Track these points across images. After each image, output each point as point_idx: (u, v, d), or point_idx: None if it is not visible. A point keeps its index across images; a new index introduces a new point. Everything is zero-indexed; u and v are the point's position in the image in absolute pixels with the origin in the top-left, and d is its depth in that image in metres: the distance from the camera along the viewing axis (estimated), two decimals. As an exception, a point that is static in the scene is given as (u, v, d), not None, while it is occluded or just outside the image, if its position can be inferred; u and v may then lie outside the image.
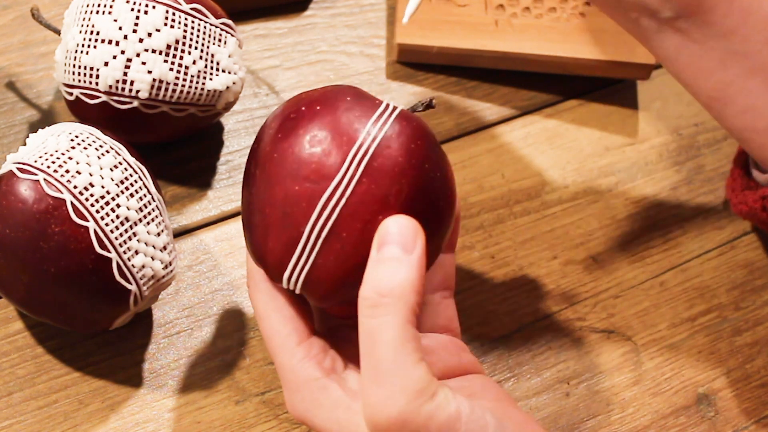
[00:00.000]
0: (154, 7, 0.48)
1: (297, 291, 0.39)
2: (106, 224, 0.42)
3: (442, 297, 0.45)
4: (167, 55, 0.48)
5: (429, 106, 0.41)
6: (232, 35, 0.51)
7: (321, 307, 0.41)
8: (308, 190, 0.38)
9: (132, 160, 0.45)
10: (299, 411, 0.40)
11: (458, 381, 0.43)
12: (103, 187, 0.43)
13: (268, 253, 0.39)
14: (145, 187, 0.45)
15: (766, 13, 0.41)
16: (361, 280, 0.38)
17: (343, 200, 0.37)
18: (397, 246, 0.37)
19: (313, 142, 0.38)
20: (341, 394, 0.40)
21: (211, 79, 0.49)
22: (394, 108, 0.39)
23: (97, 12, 0.48)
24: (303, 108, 0.39)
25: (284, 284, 0.40)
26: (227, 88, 0.50)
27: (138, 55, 0.47)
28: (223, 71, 0.50)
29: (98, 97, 0.48)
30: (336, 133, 0.38)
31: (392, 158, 0.38)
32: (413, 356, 0.36)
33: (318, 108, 0.39)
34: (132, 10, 0.47)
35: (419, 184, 0.38)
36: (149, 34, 0.47)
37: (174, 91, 0.48)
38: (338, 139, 0.38)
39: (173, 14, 0.48)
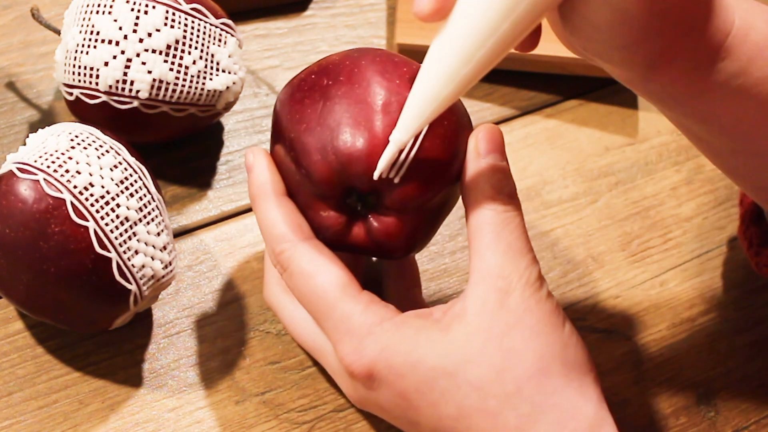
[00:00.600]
0: (154, 7, 0.48)
1: (398, 178, 0.40)
2: (106, 224, 0.42)
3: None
4: (167, 55, 0.48)
5: None
6: (232, 35, 0.51)
7: (413, 194, 0.42)
8: (397, 87, 0.42)
9: (132, 160, 0.45)
10: (372, 356, 0.40)
11: None
12: (103, 187, 0.43)
13: (376, 139, 0.40)
14: (145, 187, 0.45)
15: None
16: (453, 180, 0.42)
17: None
18: (502, 155, 0.42)
19: (387, 59, 0.43)
20: (423, 321, 0.40)
21: (211, 79, 0.49)
22: None
23: (97, 12, 0.48)
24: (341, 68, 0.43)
25: (385, 174, 0.40)
26: (227, 88, 0.50)
27: (138, 55, 0.47)
28: (223, 71, 0.50)
29: (98, 97, 0.48)
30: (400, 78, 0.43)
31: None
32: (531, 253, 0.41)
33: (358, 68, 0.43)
34: (132, 10, 0.47)
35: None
36: (149, 34, 0.47)
37: (174, 91, 0.48)
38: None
39: (173, 14, 0.48)
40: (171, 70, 0.48)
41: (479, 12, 0.36)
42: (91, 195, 0.42)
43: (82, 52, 0.48)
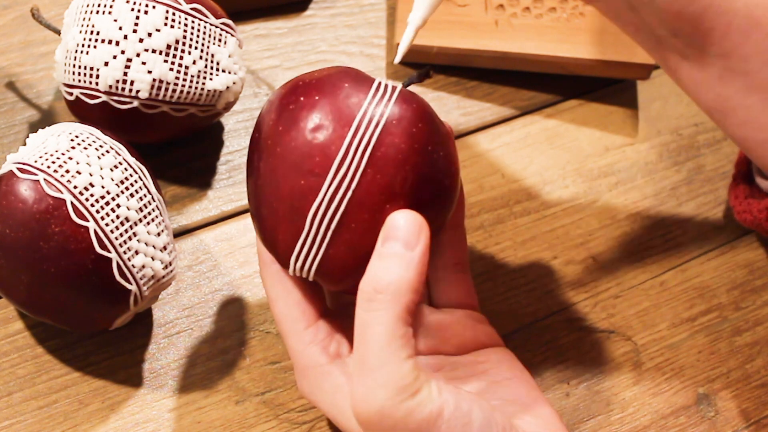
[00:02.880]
0: (154, 7, 0.48)
1: (310, 279, 0.40)
2: (106, 224, 0.42)
3: (455, 271, 0.46)
4: (167, 55, 0.48)
5: (425, 75, 0.41)
6: (232, 35, 0.51)
7: (335, 290, 0.42)
8: (314, 183, 0.38)
9: (132, 160, 0.45)
10: (306, 393, 0.42)
11: (472, 356, 0.45)
12: (103, 187, 0.43)
13: (279, 243, 0.40)
14: (145, 187, 0.45)
15: (765, 34, 0.41)
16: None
17: (350, 192, 0.38)
18: (399, 242, 0.37)
19: (315, 134, 0.38)
20: (342, 380, 0.41)
21: (211, 79, 0.49)
22: (394, 88, 0.39)
23: (97, 12, 0.48)
24: (301, 98, 0.39)
25: (296, 273, 0.40)
26: (227, 88, 0.50)
27: (138, 55, 0.47)
28: (223, 71, 0.50)
29: (98, 97, 0.48)
30: (337, 124, 0.38)
31: (395, 145, 0.38)
32: (400, 353, 0.37)
33: (317, 97, 0.39)
34: (132, 10, 0.47)
35: (424, 168, 0.38)
36: (149, 34, 0.47)
37: (174, 91, 0.48)
38: (339, 130, 0.38)
39: (173, 14, 0.48)
40: (171, 70, 0.48)
41: None
42: (92, 195, 0.42)
43: (82, 52, 0.48)
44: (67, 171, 0.42)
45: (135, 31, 0.47)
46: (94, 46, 0.47)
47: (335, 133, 0.38)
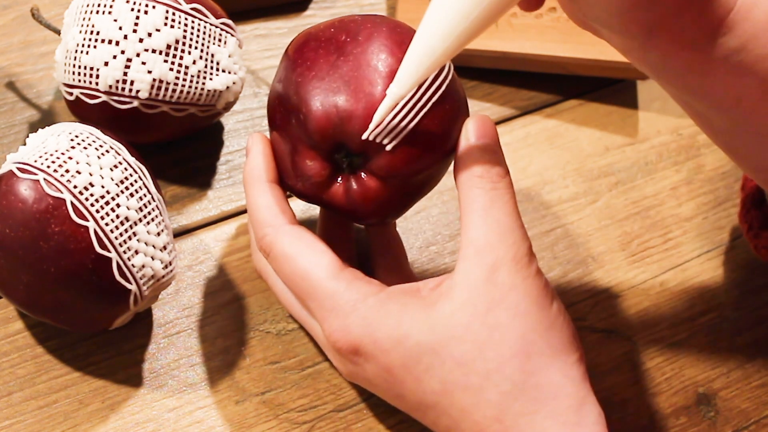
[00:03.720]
0: (154, 7, 0.48)
1: (390, 146, 0.41)
2: (106, 224, 0.42)
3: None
4: (167, 55, 0.48)
5: None
6: (232, 35, 0.51)
7: (397, 165, 0.43)
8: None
9: (132, 159, 0.45)
10: (357, 332, 0.41)
11: None
12: (103, 186, 0.43)
13: (377, 102, 0.41)
14: (145, 186, 0.45)
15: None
16: (441, 161, 0.43)
17: (449, 77, 0.43)
18: (494, 141, 0.43)
19: (395, 30, 0.44)
20: (408, 298, 0.41)
21: (211, 79, 0.49)
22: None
23: (97, 12, 0.48)
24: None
25: (380, 137, 0.41)
26: (227, 88, 0.50)
27: (138, 55, 0.47)
28: (223, 71, 0.50)
29: (98, 97, 0.48)
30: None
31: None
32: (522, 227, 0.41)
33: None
34: (132, 10, 0.47)
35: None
36: (149, 34, 0.47)
37: (174, 91, 0.48)
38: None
39: (173, 14, 0.48)
40: (171, 70, 0.48)
41: None
42: (91, 195, 0.42)
43: (82, 52, 0.48)
44: (67, 171, 0.42)
45: (135, 31, 0.47)
46: (94, 46, 0.47)
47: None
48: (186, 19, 0.48)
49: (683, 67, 0.39)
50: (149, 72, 0.47)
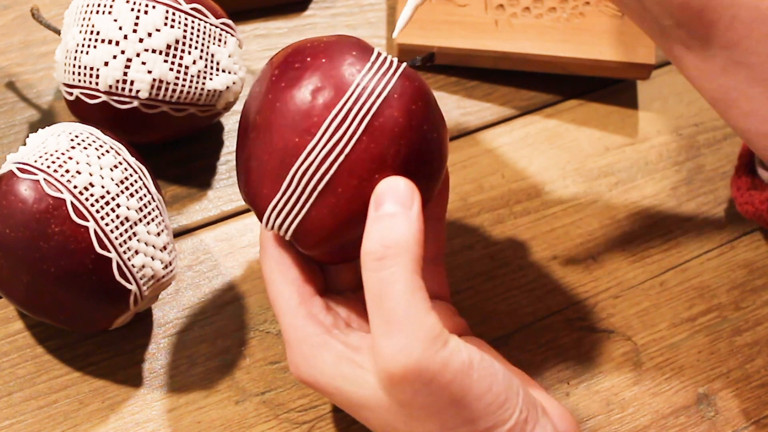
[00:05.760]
0: (154, 7, 0.48)
1: (287, 237, 0.41)
2: (106, 224, 0.42)
3: (432, 264, 0.46)
4: (167, 55, 0.48)
5: (429, 60, 0.41)
6: (232, 35, 0.51)
7: (308, 254, 0.42)
8: (308, 142, 0.39)
9: (132, 160, 0.45)
10: (302, 369, 0.41)
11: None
12: (103, 186, 0.43)
13: (263, 198, 0.40)
14: (145, 187, 0.45)
15: None
16: (352, 235, 0.39)
17: (342, 156, 0.38)
18: (397, 203, 0.38)
19: (316, 96, 0.39)
20: (344, 348, 0.41)
21: (211, 79, 0.49)
22: (399, 63, 0.40)
23: (97, 12, 0.48)
24: (308, 59, 0.40)
25: (274, 229, 0.41)
26: (227, 88, 0.50)
27: (138, 55, 0.47)
28: (223, 71, 0.50)
29: (98, 97, 0.48)
30: (339, 89, 0.39)
31: (393, 119, 0.39)
32: (424, 305, 0.37)
33: (323, 60, 0.39)
34: (132, 10, 0.47)
35: (416, 145, 0.39)
36: (149, 34, 0.47)
37: (174, 91, 0.48)
38: (341, 95, 0.39)
39: (173, 14, 0.48)
40: (171, 70, 0.48)
41: None
42: (91, 195, 0.42)
43: (82, 52, 0.48)
44: (67, 171, 0.42)
45: (135, 31, 0.47)
46: (94, 46, 0.47)
47: (336, 97, 0.39)
48: (186, 19, 0.48)
49: None
50: (149, 72, 0.47)
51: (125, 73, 0.47)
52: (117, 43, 0.47)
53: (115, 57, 0.47)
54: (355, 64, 0.39)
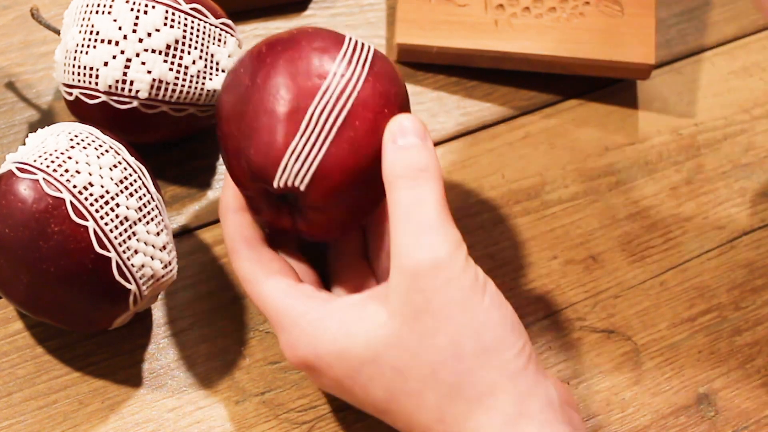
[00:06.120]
0: (153, 7, 0.48)
1: (303, 186, 0.41)
2: (106, 224, 0.42)
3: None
4: (167, 55, 0.48)
5: None
6: (232, 35, 0.51)
7: (314, 215, 0.43)
8: (321, 84, 0.42)
9: (132, 159, 0.45)
10: (301, 347, 0.42)
11: None
12: (102, 186, 0.43)
13: (277, 150, 0.41)
14: (145, 186, 0.45)
15: None
16: (367, 177, 0.42)
17: (355, 92, 0.42)
18: (416, 136, 0.42)
19: (320, 49, 0.43)
20: (347, 307, 0.42)
21: (211, 79, 0.49)
22: (370, 48, 0.44)
23: (97, 12, 0.48)
24: (296, 32, 0.44)
25: (288, 181, 0.41)
26: (227, 88, 0.50)
27: (138, 55, 0.47)
28: (223, 71, 0.50)
29: (98, 97, 0.48)
30: (337, 45, 0.43)
31: (387, 66, 0.44)
32: (451, 221, 0.41)
33: (309, 31, 0.44)
34: (132, 10, 0.47)
35: (403, 89, 0.45)
36: (149, 34, 0.47)
37: (174, 91, 0.48)
38: (339, 49, 0.43)
39: (173, 14, 0.48)
40: (171, 70, 0.48)
41: None
42: (91, 195, 0.42)
43: (81, 52, 0.48)
44: (67, 170, 0.42)
45: (135, 31, 0.47)
46: (94, 46, 0.47)
47: (336, 50, 0.43)
48: (186, 19, 0.48)
49: None
50: (149, 72, 0.47)
51: (125, 73, 0.47)
52: (117, 43, 0.47)
53: (114, 57, 0.47)
54: (340, 39, 0.44)
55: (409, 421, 0.41)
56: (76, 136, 0.44)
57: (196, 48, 0.48)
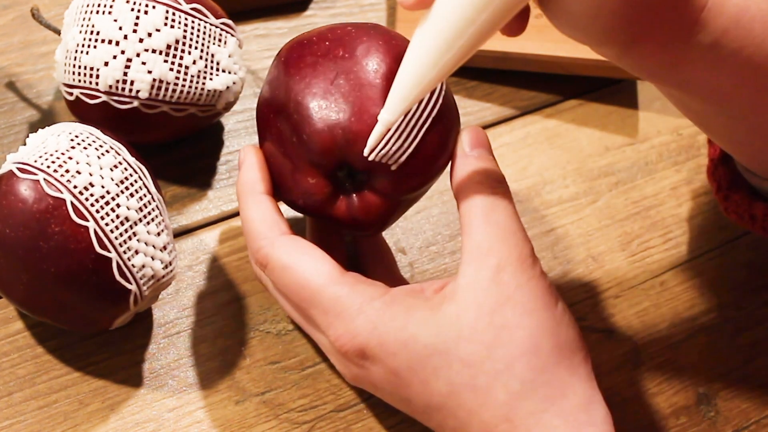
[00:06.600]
0: (154, 7, 0.48)
1: (395, 165, 0.42)
2: (106, 224, 0.42)
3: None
4: (167, 55, 0.48)
5: None
6: (232, 35, 0.51)
7: (394, 189, 0.44)
8: None
9: (132, 160, 0.45)
10: (363, 335, 0.40)
11: None
12: (103, 186, 0.43)
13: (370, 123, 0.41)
14: (145, 186, 0.45)
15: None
16: (434, 176, 0.44)
17: (444, 88, 0.44)
18: (487, 149, 0.44)
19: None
20: (412, 295, 0.42)
21: (211, 79, 0.49)
22: None
23: (97, 12, 0.48)
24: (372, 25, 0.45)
25: (386, 157, 0.41)
26: (227, 88, 0.50)
27: (138, 55, 0.47)
28: (223, 71, 0.50)
29: (98, 97, 0.48)
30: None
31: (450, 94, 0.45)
32: (522, 226, 0.42)
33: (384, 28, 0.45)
34: (132, 10, 0.47)
35: None
36: (149, 34, 0.47)
37: (174, 91, 0.48)
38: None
39: (173, 14, 0.48)
40: (171, 70, 0.48)
41: (458, 4, 0.37)
42: (91, 195, 0.42)
43: (82, 52, 0.48)
44: (67, 171, 0.42)
45: (135, 31, 0.47)
46: (94, 46, 0.47)
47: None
48: (186, 19, 0.48)
49: (661, 65, 0.40)
50: (149, 72, 0.47)
51: (125, 73, 0.47)
52: (117, 43, 0.47)
53: (115, 57, 0.47)
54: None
55: (467, 419, 0.40)
56: (76, 137, 0.44)
57: (196, 48, 0.48)
